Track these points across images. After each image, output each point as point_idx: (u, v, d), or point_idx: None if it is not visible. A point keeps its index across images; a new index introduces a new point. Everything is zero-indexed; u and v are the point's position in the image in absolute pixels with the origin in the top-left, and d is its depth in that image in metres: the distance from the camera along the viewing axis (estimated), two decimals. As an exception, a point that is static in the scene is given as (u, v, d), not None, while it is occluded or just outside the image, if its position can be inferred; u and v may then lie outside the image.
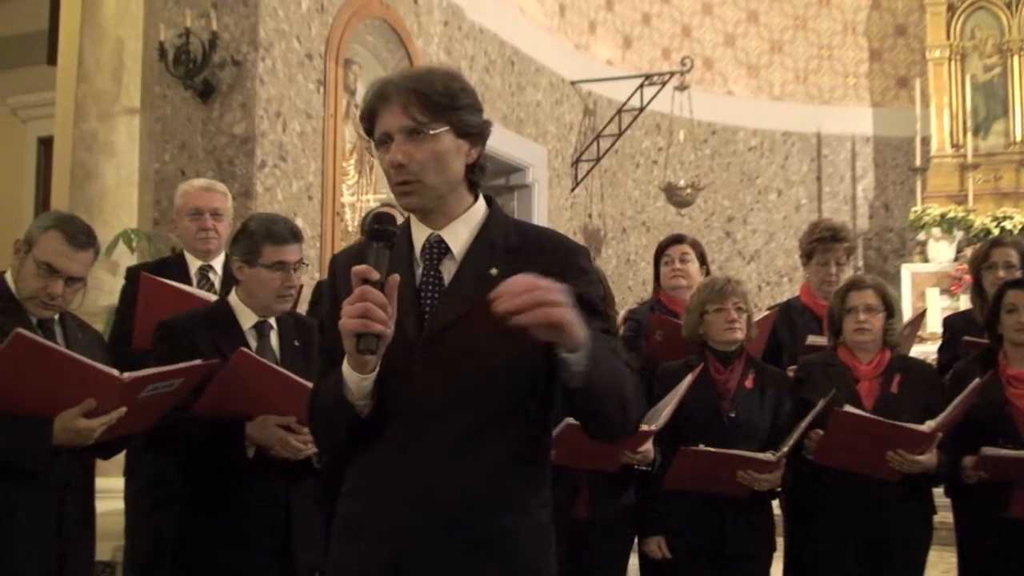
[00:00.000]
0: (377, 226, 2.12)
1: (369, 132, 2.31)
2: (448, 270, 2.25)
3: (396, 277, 2.09)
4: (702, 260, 4.88)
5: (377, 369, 2.14)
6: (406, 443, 2.18)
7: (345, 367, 2.15)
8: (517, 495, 2.23)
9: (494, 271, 2.21)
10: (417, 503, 2.16)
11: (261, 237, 3.36)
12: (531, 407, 2.24)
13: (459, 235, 2.28)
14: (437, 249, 2.27)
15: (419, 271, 2.26)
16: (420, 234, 2.29)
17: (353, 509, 2.28)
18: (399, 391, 2.16)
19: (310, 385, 2.92)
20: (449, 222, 2.28)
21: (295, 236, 3.40)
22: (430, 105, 2.20)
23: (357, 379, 2.14)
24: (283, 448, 3.28)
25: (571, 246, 2.33)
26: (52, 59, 7.78)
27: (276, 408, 3.28)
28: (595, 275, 2.34)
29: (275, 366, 3.28)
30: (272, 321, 3.44)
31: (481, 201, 2.34)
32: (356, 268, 2.07)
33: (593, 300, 2.23)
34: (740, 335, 4.05)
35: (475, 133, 2.28)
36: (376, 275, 2.06)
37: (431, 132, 2.20)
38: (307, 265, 3.58)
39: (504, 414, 2.20)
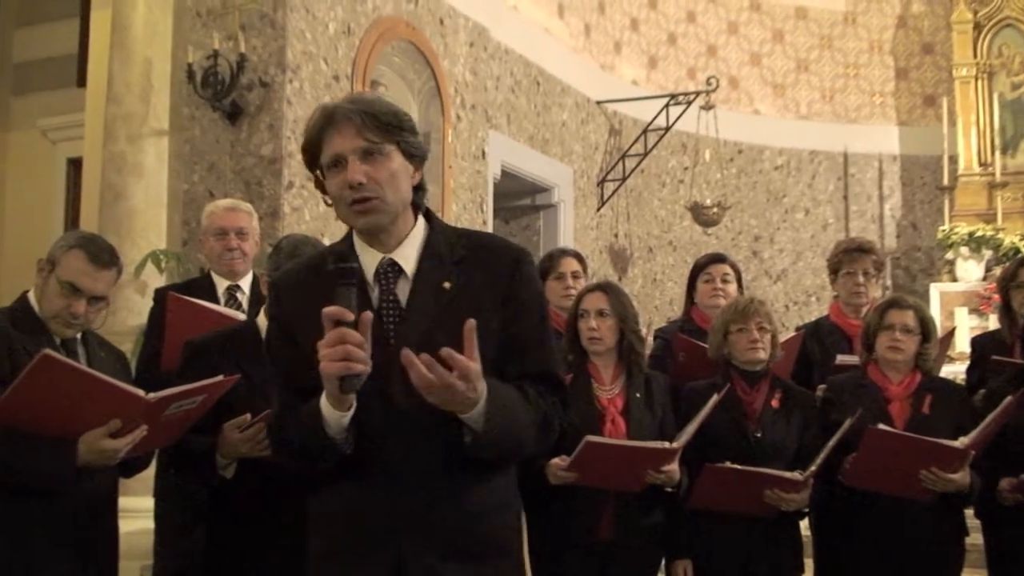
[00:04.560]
0: (341, 265, 2.18)
1: (311, 162, 2.34)
2: (402, 290, 2.31)
3: (368, 315, 2.13)
4: (739, 283, 4.88)
5: (355, 404, 2.18)
6: (397, 464, 2.23)
7: (324, 405, 2.18)
8: (500, 495, 2.37)
9: (447, 285, 2.29)
10: (416, 521, 2.23)
11: (287, 256, 3.38)
12: None
13: (409, 255, 2.33)
14: (391, 271, 2.32)
15: (374, 295, 2.30)
16: (370, 259, 2.33)
17: (343, 530, 2.31)
18: (380, 415, 2.20)
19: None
20: (398, 244, 2.34)
21: None
22: (381, 126, 2.27)
23: (337, 416, 2.18)
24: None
25: (515, 253, 2.41)
26: (82, 81, 7.86)
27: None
28: (538, 280, 2.46)
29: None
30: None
31: (421, 218, 2.40)
32: (328, 310, 2.10)
33: (523, 330, 2.35)
34: (763, 355, 4.02)
35: (418, 155, 2.35)
36: (351, 316, 2.10)
37: (384, 152, 2.27)
38: None
39: None
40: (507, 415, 2.21)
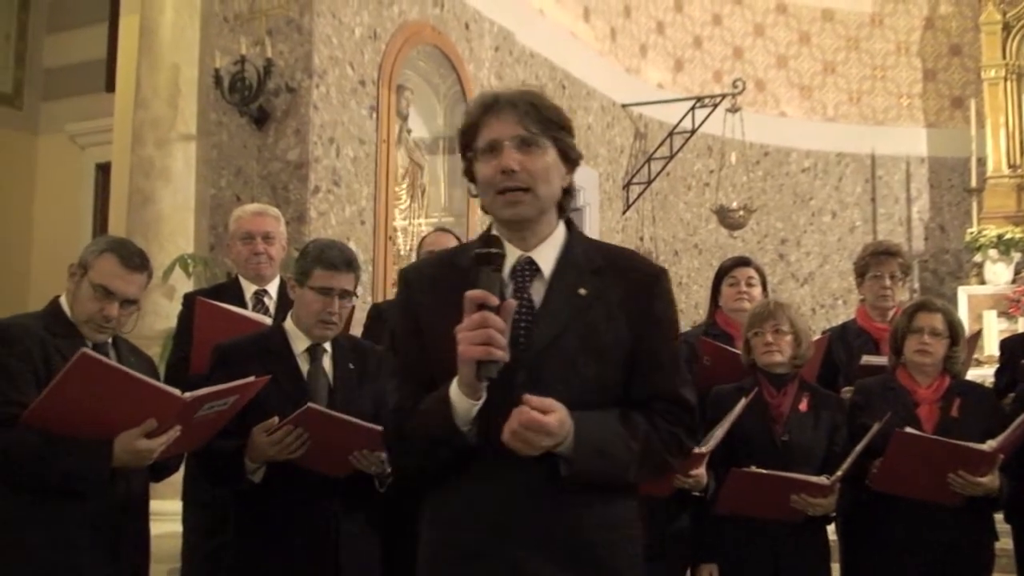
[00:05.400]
0: (492, 250, 2.15)
1: (466, 145, 2.32)
2: (537, 291, 2.27)
3: (512, 302, 2.13)
4: (764, 286, 4.87)
5: (485, 394, 2.14)
6: (516, 469, 2.16)
7: (454, 392, 2.14)
8: (618, 517, 2.29)
9: (583, 291, 2.26)
10: (532, 531, 2.18)
11: (313, 259, 3.39)
12: None
13: (548, 256, 2.30)
14: (528, 270, 2.29)
15: (508, 291, 2.26)
16: (509, 255, 2.28)
17: (460, 531, 2.25)
18: (503, 416, 2.12)
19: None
20: (539, 243, 2.31)
21: (348, 265, 3.40)
22: (542, 119, 2.25)
23: (468, 405, 2.13)
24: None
25: (655, 270, 2.38)
26: (110, 86, 7.93)
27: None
28: (674, 300, 2.41)
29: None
30: (327, 345, 3.45)
31: (562, 223, 2.37)
32: (472, 293, 2.08)
33: (655, 347, 2.30)
34: (779, 357, 3.99)
35: (573, 159, 2.33)
36: (495, 301, 2.07)
37: (540, 144, 2.25)
38: (357, 296, 3.57)
39: None
40: (595, 450, 2.17)
